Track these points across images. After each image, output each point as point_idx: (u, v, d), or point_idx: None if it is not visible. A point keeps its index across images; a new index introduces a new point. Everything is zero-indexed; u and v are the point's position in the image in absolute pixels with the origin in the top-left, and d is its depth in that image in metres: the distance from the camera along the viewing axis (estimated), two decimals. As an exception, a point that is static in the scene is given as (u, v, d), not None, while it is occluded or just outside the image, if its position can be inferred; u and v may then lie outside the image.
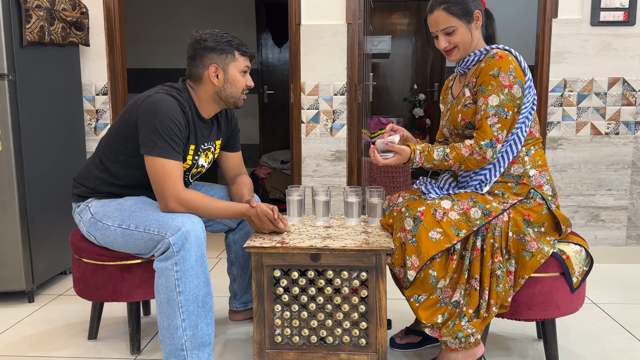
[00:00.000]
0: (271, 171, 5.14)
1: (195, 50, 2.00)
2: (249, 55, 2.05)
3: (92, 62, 3.25)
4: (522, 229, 1.83)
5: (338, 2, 3.18)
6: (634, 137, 3.18)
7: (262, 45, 6.48)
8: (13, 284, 2.65)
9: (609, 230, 3.26)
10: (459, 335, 1.83)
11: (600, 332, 2.37)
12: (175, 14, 6.13)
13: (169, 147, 1.90)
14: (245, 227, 2.35)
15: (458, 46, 1.94)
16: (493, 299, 1.82)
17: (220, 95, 2.03)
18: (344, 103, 3.24)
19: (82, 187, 2.09)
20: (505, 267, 1.82)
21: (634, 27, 3.10)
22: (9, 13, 2.54)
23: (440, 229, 1.81)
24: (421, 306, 1.85)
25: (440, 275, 1.82)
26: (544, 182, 1.92)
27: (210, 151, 2.16)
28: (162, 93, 1.96)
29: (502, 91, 1.83)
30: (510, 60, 1.86)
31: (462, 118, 1.94)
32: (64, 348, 2.25)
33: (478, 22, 1.94)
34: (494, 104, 1.83)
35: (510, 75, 1.84)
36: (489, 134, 1.83)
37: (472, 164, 1.88)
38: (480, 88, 1.86)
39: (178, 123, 1.92)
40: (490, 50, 1.91)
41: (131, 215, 1.95)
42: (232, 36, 2.02)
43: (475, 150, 1.85)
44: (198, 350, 1.89)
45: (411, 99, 6.13)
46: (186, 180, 2.11)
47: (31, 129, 2.70)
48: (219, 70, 1.99)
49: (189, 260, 1.84)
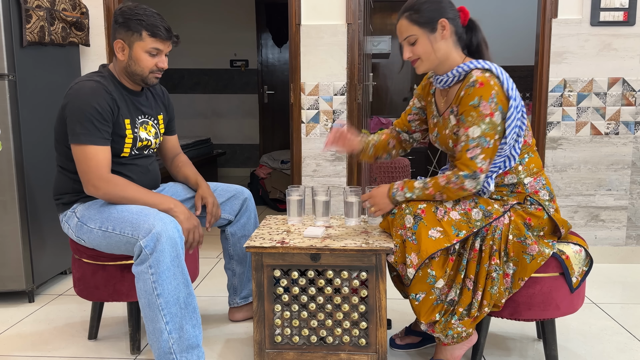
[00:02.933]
0: (271, 171, 5.14)
1: (112, 24, 2.05)
2: (163, 38, 2.01)
3: (92, 62, 3.25)
4: (523, 232, 1.82)
5: (338, 2, 3.18)
6: (634, 137, 3.18)
7: (262, 45, 6.49)
8: (13, 284, 2.65)
9: (609, 230, 3.26)
10: (449, 334, 1.84)
11: (600, 332, 2.37)
12: (175, 14, 6.13)
13: (88, 133, 1.93)
14: (242, 219, 2.35)
15: (421, 57, 1.87)
16: (486, 300, 1.82)
17: (127, 71, 2.05)
18: (344, 103, 3.25)
19: (63, 195, 2.10)
20: (502, 270, 1.82)
21: (633, 27, 3.10)
22: (9, 13, 2.54)
23: (440, 228, 1.81)
24: (420, 305, 1.85)
25: (438, 275, 1.81)
26: (540, 188, 1.90)
27: (151, 125, 2.17)
28: (81, 81, 2.00)
29: (484, 121, 1.76)
30: (492, 85, 1.77)
31: (453, 144, 1.90)
32: (64, 348, 2.25)
33: (445, 32, 1.84)
34: (475, 136, 1.78)
35: (492, 102, 1.76)
36: (471, 166, 1.79)
37: (452, 193, 1.82)
38: (461, 118, 1.81)
39: (98, 106, 1.94)
40: (470, 74, 1.82)
41: (109, 216, 1.95)
42: (149, 15, 1.99)
43: (451, 180, 1.81)
44: (187, 353, 1.87)
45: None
46: (135, 154, 2.11)
47: (31, 129, 2.70)
48: (124, 46, 2.02)
49: (164, 262, 1.82)
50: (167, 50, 2.07)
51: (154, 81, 2.08)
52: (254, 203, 2.40)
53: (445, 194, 1.83)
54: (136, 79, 2.07)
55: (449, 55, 1.88)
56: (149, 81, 2.07)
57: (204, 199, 2.21)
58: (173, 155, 2.38)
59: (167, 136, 2.34)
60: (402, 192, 1.88)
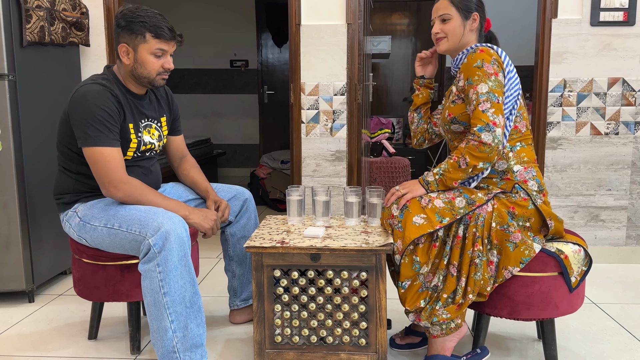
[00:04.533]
0: (271, 171, 5.14)
1: (114, 28, 2.04)
2: (167, 39, 2.01)
3: (92, 62, 3.25)
4: (505, 220, 1.86)
5: (338, 2, 3.18)
6: (634, 137, 3.18)
7: (262, 45, 6.49)
8: (13, 284, 2.65)
9: (609, 230, 3.26)
10: (434, 321, 1.87)
11: (600, 332, 2.37)
12: (175, 14, 6.13)
13: (102, 135, 1.92)
14: (242, 220, 2.35)
15: (447, 37, 2.00)
16: (470, 287, 1.85)
17: (134, 74, 2.04)
18: (344, 103, 3.25)
19: (64, 195, 2.10)
20: (485, 257, 1.86)
21: (633, 27, 3.10)
22: (9, 13, 2.54)
23: (424, 215, 1.86)
24: (406, 292, 1.89)
25: (422, 260, 1.87)
26: (529, 178, 1.93)
27: (154, 127, 2.16)
28: (87, 84, 1.99)
29: (489, 78, 1.86)
30: (492, 53, 1.90)
31: (448, 113, 1.99)
32: (64, 348, 2.26)
33: (474, 24, 2.00)
34: (483, 91, 1.86)
35: (494, 64, 1.88)
36: (484, 119, 1.84)
37: (473, 152, 1.85)
38: (468, 81, 1.90)
39: (107, 109, 1.94)
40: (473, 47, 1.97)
41: (115, 214, 1.95)
42: (152, 16, 1.99)
43: (469, 139, 1.87)
44: (190, 352, 1.88)
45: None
46: (137, 156, 2.11)
47: (31, 129, 2.70)
48: (129, 50, 2.01)
49: (172, 261, 1.83)
50: (172, 50, 2.06)
51: (161, 82, 2.08)
52: (254, 204, 2.40)
53: (467, 155, 1.86)
54: (143, 82, 2.06)
55: (468, 45, 2.01)
56: (156, 83, 2.07)
57: (217, 202, 2.23)
58: (180, 156, 2.37)
59: (173, 137, 2.33)
60: (431, 172, 1.95)
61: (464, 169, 1.88)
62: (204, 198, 2.28)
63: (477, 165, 1.86)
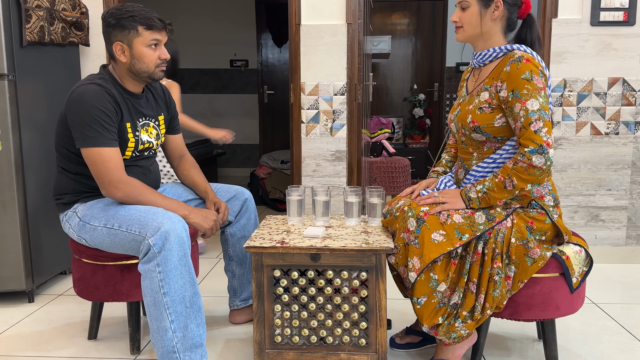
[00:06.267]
0: (271, 171, 5.14)
1: (103, 29, 2.03)
2: (159, 28, 2.01)
3: (92, 62, 3.25)
4: (525, 235, 1.81)
5: (338, 2, 3.18)
6: (634, 137, 3.18)
7: (262, 45, 6.48)
8: (13, 284, 2.65)
9: (609, 230, 3.26)
10: (452, 337, 1.84)
11: (600, 332, 2.37)
12: (175, 14, 6.13)
13: (100, 136, 1.92)
14: (242, 220, 2.35)
15: (464, 25, 1.90)
16: (488, 302, 1.82)
17: (133, 71, 2.04)
18: (344, 103, 3.24)
19: (64, 196, 2.09)
20: (504, 273, 1.81)
21: (633, 27, 3.10)
22: (9, 13, 2.54)
23: (443, 232, 1.79)
24: (423, 308, 1.83)
25: (441, 278, 1.80)
26: (546, 193, 1.87)
27: (152, 126, 2.16)
28: (84, 84, 1.98)
29: (540, 94, 1.75)
30: (537, 63, 1.79)
31: (472, 120, 1.87)
32: (64, 348, 2.25)
33: (496, 13, 1.86)
34: (535, 108, 1.74)
35: (542, 78, 1.77)
36: (537, 141, 1.73)
37: (521, 174, 1.75)
38: (514, 94, 1.77)
39: (104, 108, 1.93)
40: (512, 51, 1.84)
41: (115, 214, 1.95)
42: (139, 10, 1.99)
43: (518, 160, 1.76)
44: (190, 352, 1.88)
45: (411, 99, 6.13)
46: (136, 156, 2.11)
47: (31, 129, 2.70)
48: (124, 47, 2.00)
49: (172, 261, 1.83)
50: (164, 40, 2.06)
51: (160, 75, 2.08)
52: (254, 204, 2.40)
53: (515, 177, 1.77)
54: (143, 77, 2.06)
55: (492, 35, 1.90)
56: (156, 76, 2.07)
57: (217, 204, 2.22)
58: (179, 155, 2.37)
59: (171, 135, 2.33)
60: (474, 187, 1.85)
61: (510, 190, 1.79)
62: (203, 199, 2.28)
63: (525, 188, 1.78)
